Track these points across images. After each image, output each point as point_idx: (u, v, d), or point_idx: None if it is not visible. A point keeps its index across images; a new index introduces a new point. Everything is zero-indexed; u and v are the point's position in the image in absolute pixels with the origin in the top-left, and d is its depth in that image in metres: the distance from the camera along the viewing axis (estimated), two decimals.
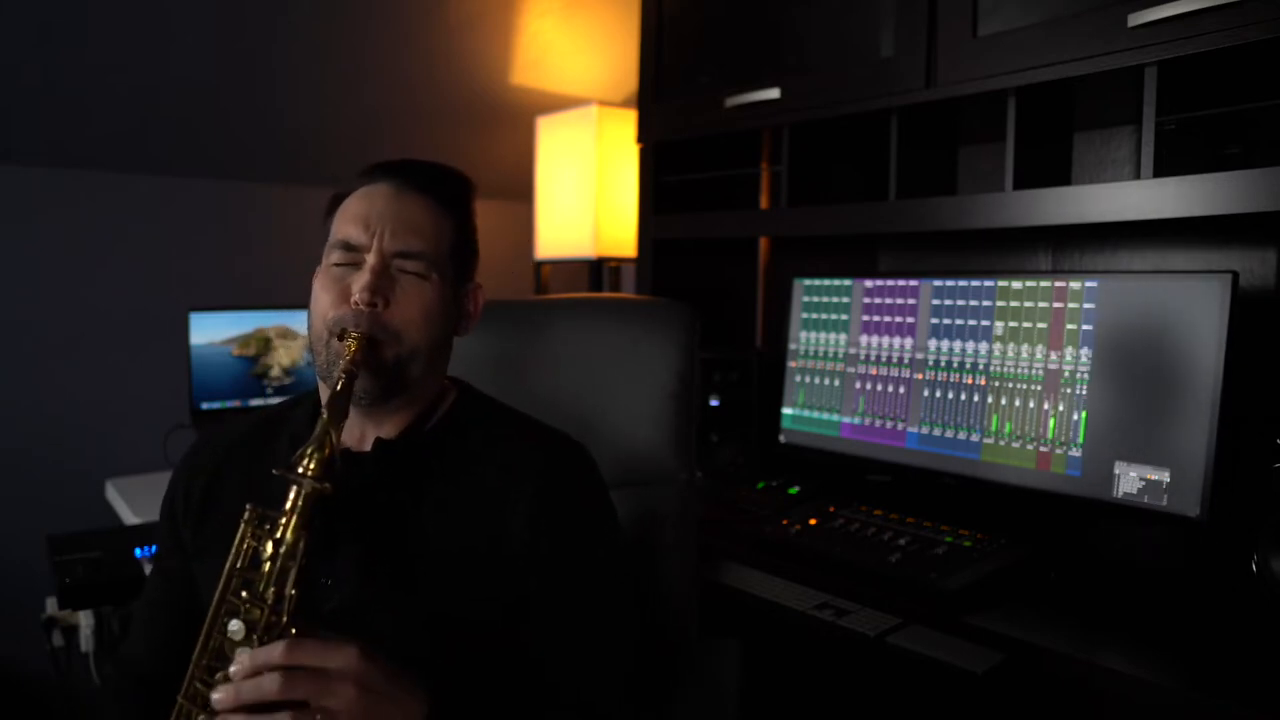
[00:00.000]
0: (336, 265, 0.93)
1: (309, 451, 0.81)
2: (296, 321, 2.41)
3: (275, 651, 0.73)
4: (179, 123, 2.30)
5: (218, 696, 0.74)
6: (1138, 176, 1.25)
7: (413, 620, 0.90)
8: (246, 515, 0.82)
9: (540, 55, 2.49)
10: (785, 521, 1.51)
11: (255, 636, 0.78)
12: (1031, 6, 1.34)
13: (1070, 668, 1.09)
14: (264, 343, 2.37)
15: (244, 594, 0.79)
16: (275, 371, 2.39)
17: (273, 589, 0.78)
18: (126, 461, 2.29)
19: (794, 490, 1.70)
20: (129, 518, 1.97)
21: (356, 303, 0.90)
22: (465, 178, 1.02)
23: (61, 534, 1.75)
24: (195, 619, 0.92)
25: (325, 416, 0.84)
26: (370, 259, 0.92)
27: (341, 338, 0.90)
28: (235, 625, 0.78)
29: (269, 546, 0.80)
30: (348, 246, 0.93)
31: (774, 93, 1.68)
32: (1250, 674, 1.04)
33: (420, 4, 2.23)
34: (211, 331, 2.30)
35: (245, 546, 0.81)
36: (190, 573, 1.00)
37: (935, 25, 1.44)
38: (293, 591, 0.78)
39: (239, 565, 0.80)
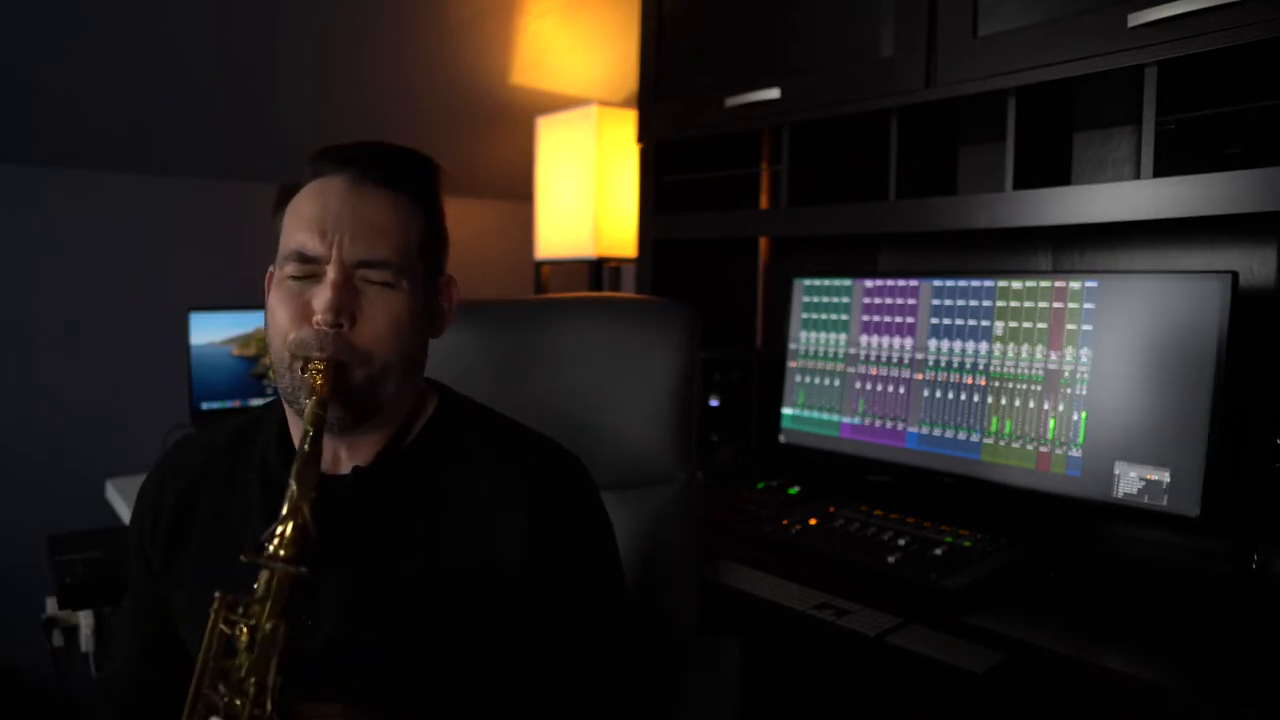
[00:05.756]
0: (293, 279, 0.83)
1: (278, 531, 0.73)
2: None
3: None
4: (178, 122, 2.30)
5: None
6: (1138, 176, 1.25)
7: (403, 649, 0.85)
8: (215, 604, 0.72)
9: (540, 55, 2.49)
10: (785, 521, 1.51)
11: None
12: (1031, 6, 1.34)
13: (1070, 668, 1.09)
14: (264, 343, 2.36)
15: (222, 687, 0.71)
16: None
17: (254, 679, 0.70)
18: (126, 461, 2.28)
19: (794, 490, 1.70)
20: (129, 518, 1.97)
21: (319, 323, 0.80)
22: (430, 160, 0.91)
23: (61, 534, 1.75)
24: (174, 645, 0.92)
25: (294, 488, 0.74)
26: (330, 273, 0.81)
27: (304, 369, 0.80)
28: None
29: (245, 634, 0.71)
30: (303, 258, 0.82)
31: (774, 93, 1.68)
32: (1250, 674, 1.04)
33: (420, 4, 2.23)
34: (211, 331, 2.30)
35: (217, 635, 0.72)
36: (163, 598, 0.95)
37: (935, 25, 1.44)
38: (276, 680, 0.70)
39: (211, 656, 0.72)
